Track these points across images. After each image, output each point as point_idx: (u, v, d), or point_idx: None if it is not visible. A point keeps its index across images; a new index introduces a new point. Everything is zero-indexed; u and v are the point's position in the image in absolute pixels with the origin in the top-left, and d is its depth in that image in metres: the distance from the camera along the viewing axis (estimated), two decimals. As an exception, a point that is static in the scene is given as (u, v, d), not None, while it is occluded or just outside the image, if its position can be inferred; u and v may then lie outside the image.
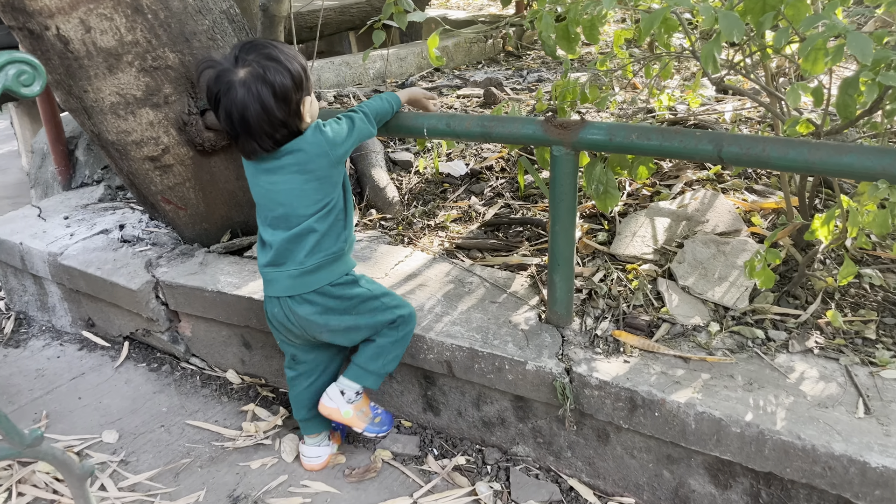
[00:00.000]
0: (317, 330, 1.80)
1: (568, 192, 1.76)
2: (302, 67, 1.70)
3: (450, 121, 1.86)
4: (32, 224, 2.79)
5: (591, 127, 1.67)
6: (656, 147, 1.60)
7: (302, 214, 1.72)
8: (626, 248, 2.18)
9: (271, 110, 1.63)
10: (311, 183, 1.72)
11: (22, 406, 2.33)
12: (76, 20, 1.99)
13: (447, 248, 2.35)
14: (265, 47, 1.68)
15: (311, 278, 1.75)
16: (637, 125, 1.63)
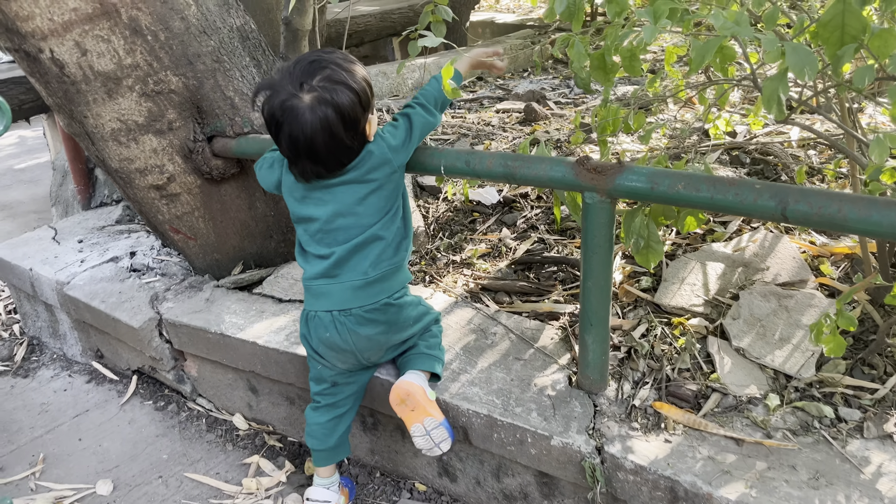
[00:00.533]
0: (377, 349, 1.69)
1: (602, 244, 1.52)
2: (367, 83, 1.58)
3: (469, 159, 1.65)
4: (46, 248, 2.67)
5: (629, 172, 1.43)
6: (706, 200, 1.35)
7: (364, 224, 1.61)
8: (672, 297, 1.92)
9: (340, 138, 1.53)
10: (376, 192, 1.61)
11: (21, 447, 2.21)
12: (71, 43, 1.85)
13: (472, 290, 2.13)
14: (327, 68, 1.53)
15: (374, 289, 1.62)
16: (684, 173, 1.39)
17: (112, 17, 1.84)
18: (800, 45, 1.12)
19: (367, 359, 1.70)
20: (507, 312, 2.00)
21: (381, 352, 1.71)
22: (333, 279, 1.64)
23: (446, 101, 1.74)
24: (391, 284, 1.66)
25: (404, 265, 1.71)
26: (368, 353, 1.69)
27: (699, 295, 1.92)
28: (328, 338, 1.65)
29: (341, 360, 1.69)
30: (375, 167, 1.60)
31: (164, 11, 1.88)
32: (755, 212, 1.31)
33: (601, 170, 1.46)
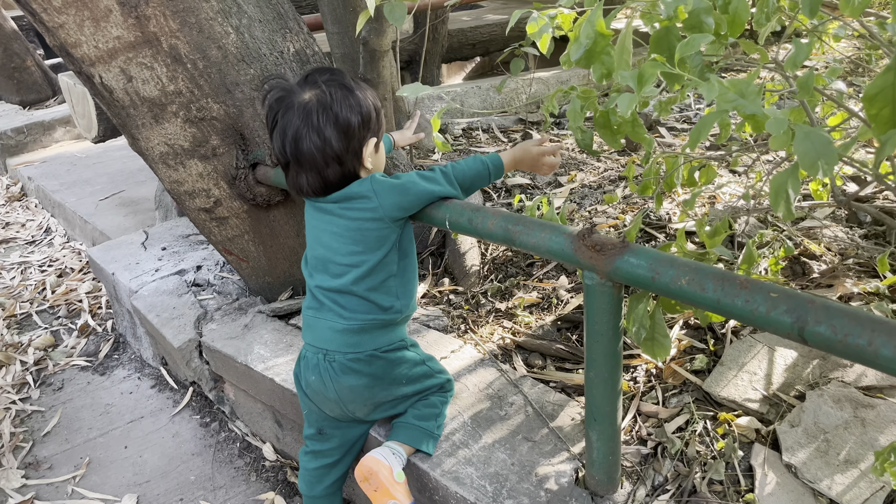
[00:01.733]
0: (359, 404, 1.57)
1: (604, 331, 1.29)
2: (374, 107, 1.50)
3: (472, 216, 1.47)
4: (132, 253, 2.81)
5: (630, 255, 1.20)
6: (711, 302, 1.09)
7: (338, 263, 1.51)
8: (725, 386, 1.63)
9: (328, 140, 1.44)
10: (352, 233, 1.50)
11: (74, 447, 2.32)
12: (117, 69, 1.88)
13: (505, 346, 1.94)
14: (340, 75, 1.49)
15: (355, 338, 1.52)
16: (692, 265, 1.13)
17: (153, 45, 1.84)
18: (814, 131, 0.85)
19: (352, 412, 1.59)
20: (534, 379, 1.79)
21: (367, 407, 1.59)
22: (318, 311, 1.56)
23: (476, 182, 1.56)
24: (376, 339, 1.53)
25: (396, 326, 1.57)
26: (353, 406, 1.57)
27: (757, 388, 1.61)
28: (313, 381, 1.56)
29: (327, 407, 1.60)
30: (355, 197, 1.48)
31: (201, 40, 1.86)
32: (767, 325, 1.04)
33: (600, 248, 1.24)
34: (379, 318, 1.51)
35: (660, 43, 1.04)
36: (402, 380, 1.58)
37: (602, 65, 1.03)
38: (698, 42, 0.94)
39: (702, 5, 1.01)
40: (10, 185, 4.85)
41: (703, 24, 1.02)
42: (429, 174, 1.51)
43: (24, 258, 3.78)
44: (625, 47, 1.06)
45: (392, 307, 1.52)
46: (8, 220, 4.31)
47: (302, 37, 2.15)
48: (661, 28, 1.02)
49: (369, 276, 1.50)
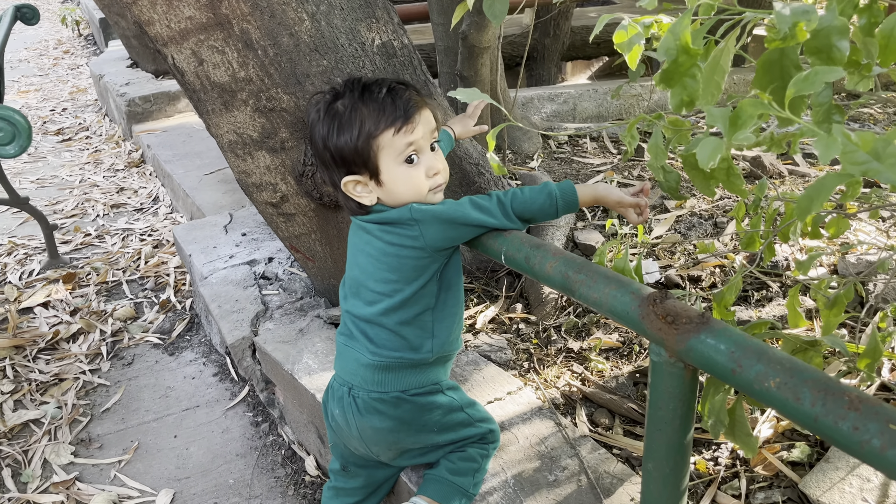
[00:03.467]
0: (383, 447, 1.41)
1: (670, 419, 1.05)
2: (355, 147, 1.27)
3: (530, 254, 1.25)
4: (212, 235, 2.77)
5: (709, 335, 0.95)
6: (807, 417, 0.82)
7: (371, 289, 1.35)
8: (827, 489, 1.33)
9: (318, 162, 1.39)
10: (388, 258, 1.32)
11: (128, 428, 2.30)
12: (188, 51, 1.78)
13: (570, 394, 1.71)
14: (358, 96, 1.30)
15: (380, 376, 1.35)
16: (786, 360, 0.86)
17: (225, 29, 1.73)
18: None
19: (376, 454, 1.42)
20: (596, 441, 1.55)
21: (392, 452, 1.41)
22: (348, 339, 1.41)
23: (536, 214, 1.33)
24: (403, 380, 1.35)
25: (429, 367, 1.37)
26: (377, 449, 1.40)
27: (869, 500, 1.29)
28: (337, 415, 1.41)
29: (351, 444, 1.44)
30: (395, 223, 1.30)
31: (273, 26, 1.73)
32: (881, 466, 0.76)
33: (673, 319, 0.99)
34: (407, 357, 1.33)
35: (769, 70, 0.78)
36: (434, 427, 1.38)
37: (683, 89, 0.78)
38: (822, 77, 0.68)
39: (833, 23, 0.74)
40: (132, 150, 5.04)
41: (834, 48, 0.75)
42: (482, 202, 1.30)
43: (129, 225, 3.89)
44: (718, 68, 0.80)
45: (423, 346, 1.34)
46: (123, 186, 4.47)
47: (391, 27, 1.98)
48: (773, 50, 0.76)
49: (402, 309, 1.32)
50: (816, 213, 1.40)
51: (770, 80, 0.78)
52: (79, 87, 7.21)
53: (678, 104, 0.79)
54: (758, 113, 0.73)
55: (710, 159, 0.72)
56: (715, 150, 0.72)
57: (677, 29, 0.75)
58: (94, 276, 3.27)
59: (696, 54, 0.75)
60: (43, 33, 10.96)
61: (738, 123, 0.74)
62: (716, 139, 0.73)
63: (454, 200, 1.31)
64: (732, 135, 0.74)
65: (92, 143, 5.35)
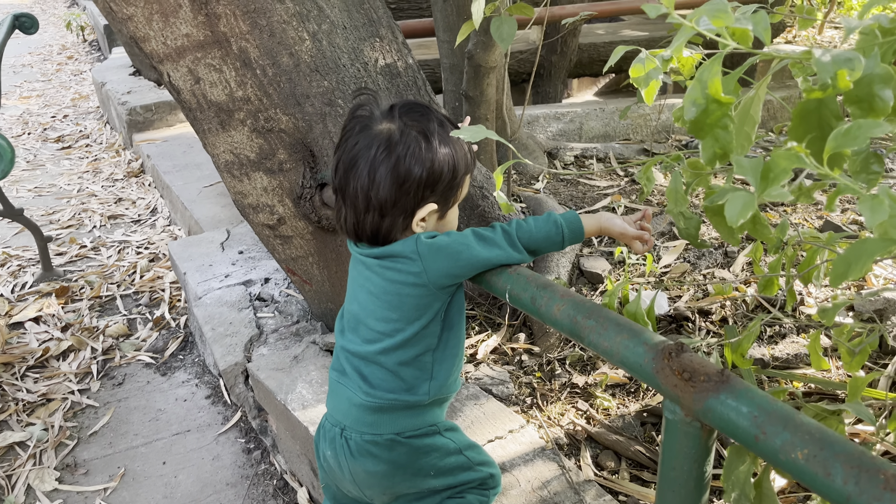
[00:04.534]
0: (377, 491, 1.33)
1: (683, 481, 0.98)
2: (451, 169, 1.23)
3: (537, 295, 1.18)
4: (208, 253, 2.70)
5: (729, 395, 0.88)
6: (838, 495, 0.75)
7: (370, 327, 1.27)
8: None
9: (377, 184, 1.20)
10: (389, 297, 1.24)
11: (114, 454, 2.23)
12: (184, 69, 1.72)
13: (574, 433, 1.64)
14: (430, 121, 1.23)
15: (372, 417, 1.28)
16: (813, 428, 0.80)
17: (223, 47, 1.68)
18: None
19: (370, 498, 1.35)
20: (601, 487, 1.48)
21: (387, 496, 1.34)
22: (341, 376, 1.34)
23: (543, 245, 1.27)
24: (398, 422, 1.28)
25: (425, 409, 1.30)
26: (371, 493, 1.33)
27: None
28: (328, 456, 1.34)
29: (343, 486, 1.37)
30: (396, 256, 1.23)
31: (272, 45, 1.67)
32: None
33: (690, 375, 0.92)
34: (402, 398, 1.26)
35: (806, 120, 0.71)
36: (430, 471, 1.31)
37: (715, 142, 0.72)
38: (866, 132, 0.61)
39: (875, 70, 0.67)
40: (132, 160, 4.99)
41: (877, 97, 0.68)
42: (488, 234, 1.24)
43: (126, 237, 3.83)
44: (748, 118, 0.74)
45: (420, 388, 1.27)
46: (122, 196, 4.41)
47: (395, 47, 1.93)
48: (811, 100, 0.69)
49: (402, 349, 1.25)
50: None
51: (806, 130, 0.71)
52: (81, 93, 7.17)
53: (710, 157, 0.72)
54: (791, 167, 0.66)
55: (741, 217, 0.65)
56: (745, 208, 0.66)
57: (705, 77, 0.68)
58: (87, 291, 3.21)
59: (728, 103, 0.68)
60: (48, 38, 10.95)
61: (771, 178, 0.67)
62: (745, 194, 0.67)
63: (458, 233, 1.24)
64: (764, 190, 0.67)
65: (92, 152, 5.30)
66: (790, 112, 0.74)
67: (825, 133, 0.71)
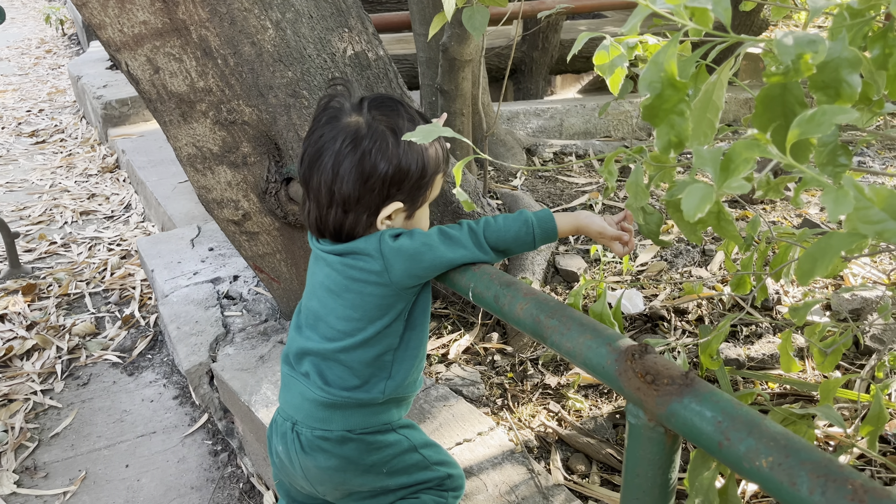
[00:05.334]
0: (329, 486, 1.29)
1: (647, 488, 0.93)
2: (420, 167, 1.18)
3: (500, 293, 1.13)
4: (178, 250, 2.64)
5: (693, 399, 0.83)
6: None
7: (330, 325, 1.22)
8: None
9: (341, 178, 1.15)
10: (351, 295, 1.20)
11: (76, 456, 2.16)
12: (143, 58, 1.66)
13: (545, 435, 1.59)
14: (399, 116, 1.19)
15: (324, 413, 1.24)
16: (779, 435, 0.75)
17: (182, 35, 1.61)
18: None
19: (322, 494, 1.31)
20: (570, 492, 1.43)
21: (339, 492, 1.30)
22: (293, 370, 1.29)
23: (513, 245, 1.22)
24: (350, 419, 1.24)
25: (382, 409, 1.26)
26: (323, 489, 1.29)
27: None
28: (280, 452, 1.30)
29: (296, 483, 1.32)
30: (357, 253, 1.18)
31: (233, 34, 1.61)
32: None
33: (654, 378, 0.88)
34: (356, 396, 1.22)
35: (769, 107, 0.67)
36: (383, 468, 1.27)
37: (671, 129, 0.67)
38: (831, 118, 0.57)
39: (843, 55, 0.63)
40: (107, 155, 4.90)
41: (844, 83, 0.64)
42: (453, 232, 1.19)
43: (98, 233, 3.74)
44: (711, 104, 0.69)
45: (375, 387, 1.23)
46: (95, 192, 4.32)
47: (365, 38, 1.87)
48: (773, 85, 0.65)
49: (362, 348, 1.21)
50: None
51: (770, 118, 0.67)
52: (58, 87, 7.05)
53: (665, 145, 0.67)
54: (754, 157, 0.62)
55: (698, 210, 0.61)
56: (703, 200, 0.61)
57: (661, 58, 0.63)
58: (55, 288, 3.13)
59: (683, 88, 0.63)
60: (27, 31, 10.79)
61: (731, 168, 0.62)
62: (703, 186, 0.62)
63: (424, 232, 1.19)
64: (724, 182, 0.62)
65: (66, 147, 5.20)
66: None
67: (789, 121, 0.67)
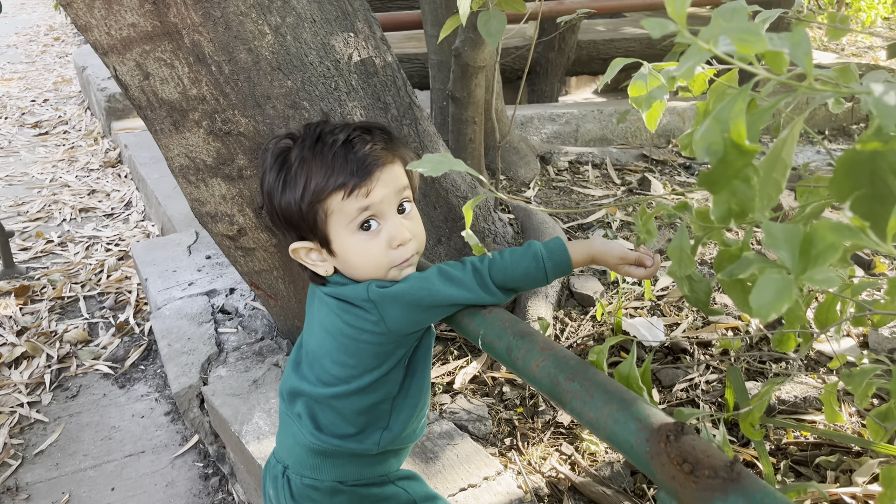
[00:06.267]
0: None
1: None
2: (299, 209, 1.04)
3: (514, 345, 1.01)
4: (174, 257, 2.52)
5: (741, 496, 0.71)
6: None
7: (326, 369, 1.11)
8: None
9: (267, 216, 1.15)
10: (346, 340, 1.08)
11: (60, 477, 2.05)
12: (132, 62, 1.54)
13: (557, 482, 1.47)
14: (323, 142, 1.05)
15: (315, 460, 1.13)
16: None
17: (174, 40, 1.49)
18: None
19: None
20: (583, 550, 1.31)
21: None
22: (288, 409, 1.19)
23: (522, 282, 1.08)
24: (342, 469, 1.13)
25: (377, 460, 1.14)
26: None
27: None
28: (271, 496, 1.20)
29: None
30: (351, 303, 1.06)
31: (228, 40, 1.48)
32: None
33: (693, 468, 0.75)
34: (348, 446, 1.10)
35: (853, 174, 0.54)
36: None
37: (733, 196, 0.54)
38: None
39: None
40: (109, 149, 4.79)
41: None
42: (454, 272, 1.06)
43: (97, 232, 3.64)
44: (779, 162, 0.56)
45: (369, 437, 1.11)
46: (95, 188, 4.21)
47: (372, 43, 1.75)
48: (863, 150, 0.52)
49: (358, 395, 1.09)
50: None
51: (853, 185, 0.54)
52: (64, 77, 6.95)
53: (724, 215, 0.54)
54: (843, 241, 0.49)
55: (773, 310, 0.48)
56: (780, 297, 0.48)
57: (725, 115, 0.50)
58: (49, 290, 3.02)
59: (752, 153, 0.51)
60: (36, 18, 10.71)
61: (813, 254, 0.50)
62: (779, 278, 0.49)
63: (419, 273, 1.07)
64: (804, 271, 0.50)
65: (69, 139, 5.09)
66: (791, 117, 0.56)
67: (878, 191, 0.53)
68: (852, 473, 1.39)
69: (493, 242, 2.09)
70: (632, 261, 1.09)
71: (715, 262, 0.71)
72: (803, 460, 1.45)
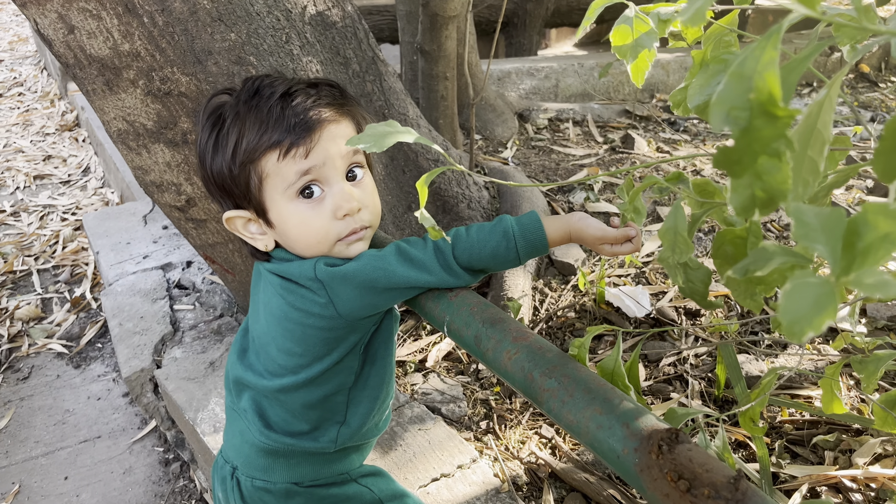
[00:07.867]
0: None
1: None
2: (230, 172, 0.89)
3: (483, 333, 0.88)
4: (128, 228, 2.36)
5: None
6: None
7: (272, 358, 0.98)
8: None
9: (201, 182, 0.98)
10: (292, 325, 0.95)
11: (11, 465, 1.92)
12: (53, 14, 1.36)
13: (536, 468, 1.36)
14: (260, 96, 0.89)
15: (266, 461, 1.01)
16: None
17: (99, -13, 1.32)
18: None
19: None
20: (565, 544, 1.21)
21: None
22: (234, 403, 1.07)
23: (491, 262, 0.93)
24: (296, 469, 1.02)
25: (328, 456, 1.02)
26: None
27: None
28: (220, 499, 1.09)
29: None
30: (295, 283, 0.92)
31: (160, -15, 1.31)
32: None
33: (689, 486, 0.63)
34: (302, 445, 0.98)
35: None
36: None
37: (758, 179, 0.40)
38: None
39: None
40: (66, 111, 4.55)
41: None
42: (414, 252, 0.92)
43: (52, 200, 3.45)
44: (815, 135, 0.43)
45: (324, 435, 0.99)
46: (51, 153, 4.00)
47: (327, -10, 1.58)
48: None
49: (306, 388, 0.97)
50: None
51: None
52: (21, 35, 6.63)
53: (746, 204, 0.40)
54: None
55: (811, 327, 0.35)
56: (820, 310, 0.35)
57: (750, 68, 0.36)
58: (0, 264, 2.85)
59: (787, 119, 0.37)
60: (-9, -26, 10.21)
61: (860, 248, 0.37)
62: (819, 282, 0.36)
63: (375, 251, 0.93)
64: (848, 272, 0.37)
65: (24, 102, 4.84)
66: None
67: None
68: (852, 454, 1.29)
69: (467, 208, 1.96)
70: (613, 236, 0.95)
71: (713, 246, 0.58)
72: (799, 440, 1.35)
